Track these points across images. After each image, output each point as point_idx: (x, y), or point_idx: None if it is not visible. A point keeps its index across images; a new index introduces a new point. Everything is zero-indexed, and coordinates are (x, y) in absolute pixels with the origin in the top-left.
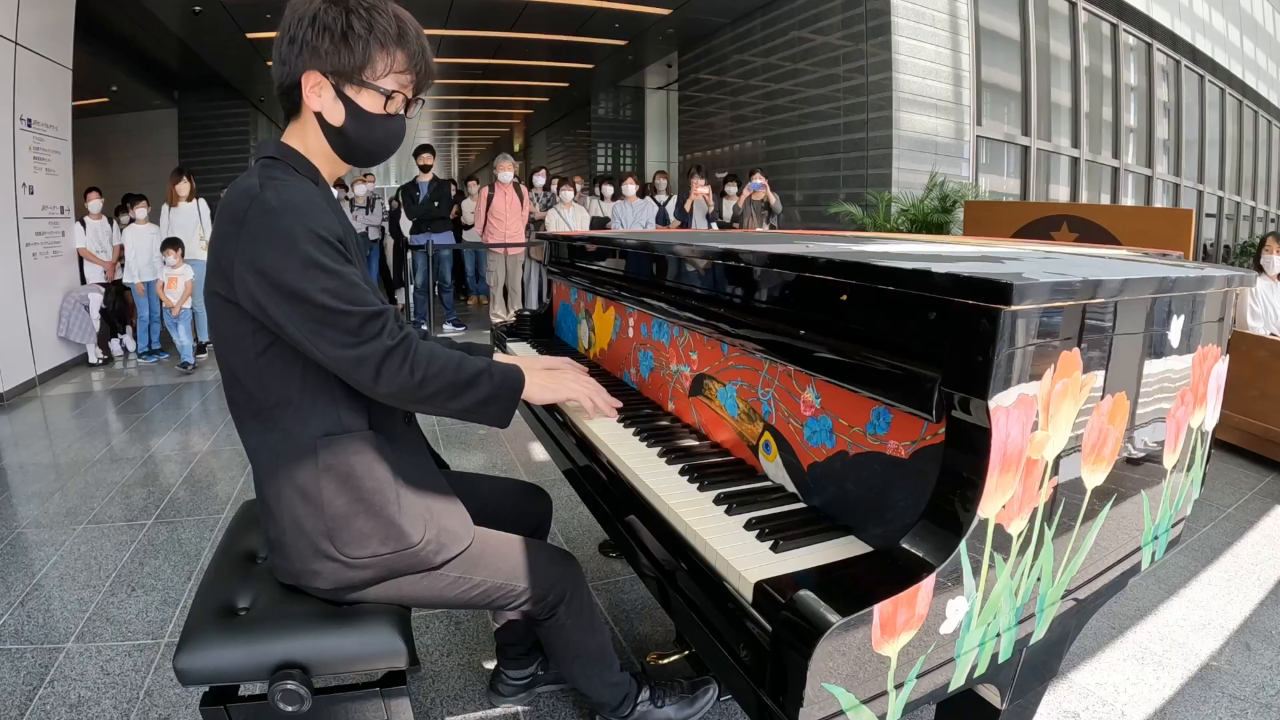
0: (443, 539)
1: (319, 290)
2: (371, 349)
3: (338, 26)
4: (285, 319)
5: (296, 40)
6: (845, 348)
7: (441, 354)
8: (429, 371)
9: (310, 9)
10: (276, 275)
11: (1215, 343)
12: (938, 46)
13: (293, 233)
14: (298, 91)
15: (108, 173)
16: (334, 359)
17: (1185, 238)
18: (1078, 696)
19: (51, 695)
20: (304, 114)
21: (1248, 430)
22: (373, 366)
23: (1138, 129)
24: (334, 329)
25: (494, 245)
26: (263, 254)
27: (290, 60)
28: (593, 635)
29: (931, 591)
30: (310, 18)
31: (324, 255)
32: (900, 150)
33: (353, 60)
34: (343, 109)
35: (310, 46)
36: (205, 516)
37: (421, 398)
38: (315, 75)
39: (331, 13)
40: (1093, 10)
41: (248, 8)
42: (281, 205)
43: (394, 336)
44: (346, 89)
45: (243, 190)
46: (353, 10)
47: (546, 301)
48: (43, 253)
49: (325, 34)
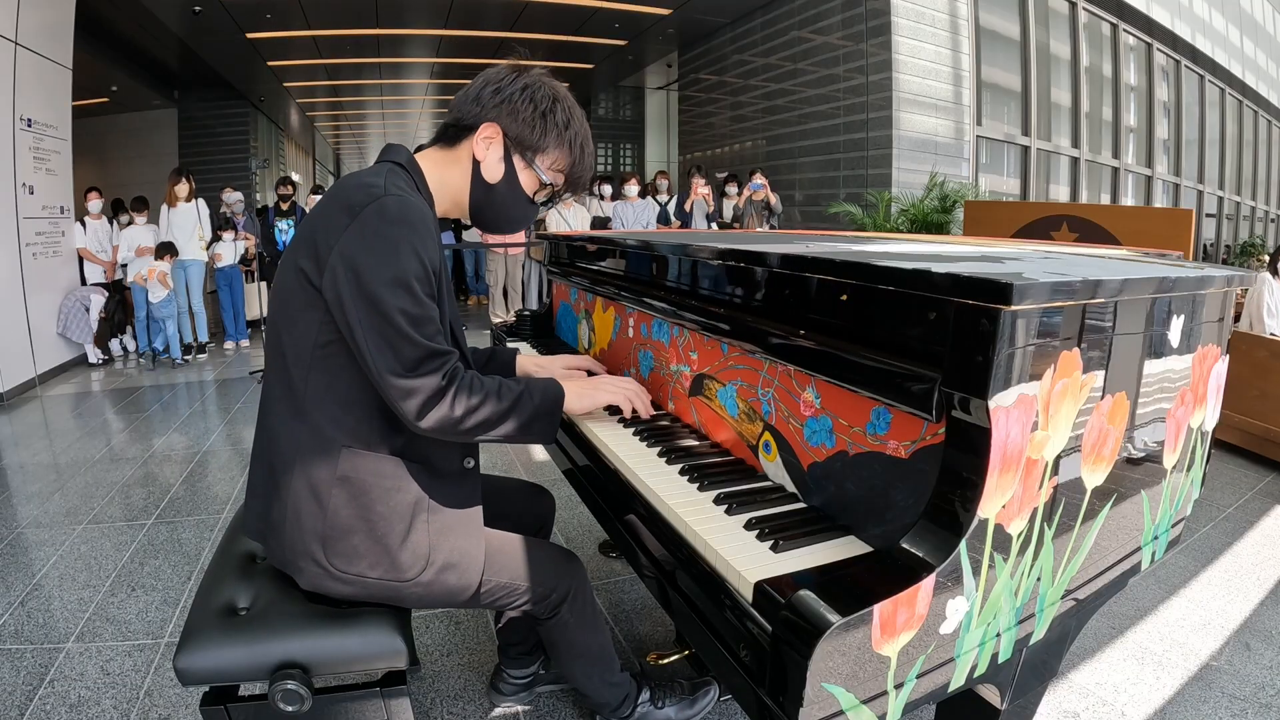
0: (434, 588)
1: (398, 310)
2: (423, 384)
3: (544, 104)
4: (358, 322)
5: (502, 93)
6: (845, 347)
7: (480, 386)
8: (470, 405)
9: (528, 79)
10: (368, 277)
11: (1215, 343)
12: (938, 46)
13: (399, 247)
14: (470, 132)
15: (108, 173)
16: (386, 381)
17: (1185, 238)
18: (1078, 696)
19: (51, 695)
20: (459, 151)
21: (1248, 430)
22: (419, 401)
23: (1138, 129)
24: (396, 352)
25: (494, 245)
26: (364, 254)
27: (485, 104)
28: (595, 635)
29: (931, 591)
30: (524, 85)
31: (417, 281)
32: (900, 150)
33: (537, 139)
34: (503, 171)
35: (511, 105)
36: (205, 516)
37: (462, 432)
38: (494, 129)
39: (544, 92)
40: (1093, 10)
41: (248, 8)
42: (400, 216)
43: (447, 378)
44: (515, 157)
45: (364, 185)
46: (560, 102)
47: (546, 301)
48: (43, 253)
49: (530, 104)
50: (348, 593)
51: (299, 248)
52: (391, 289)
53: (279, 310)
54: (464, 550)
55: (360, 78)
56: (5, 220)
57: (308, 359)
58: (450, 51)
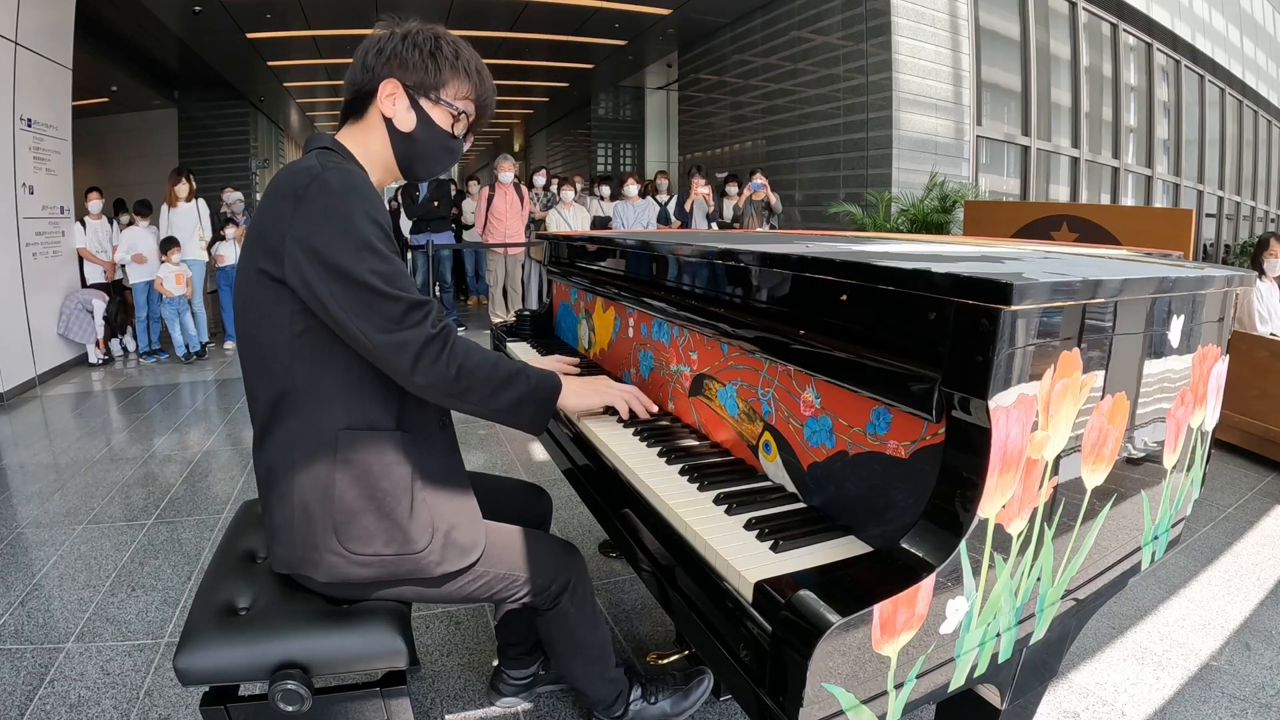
0: (447, 552)
1: (369, 271)
2: (413, 335)
3: (427, 46)
4: (331, 298)
5: (385, 51)
6: (845, 348)
7: (479, 350)
8: (466, 365)
9: (404, 29)
10: (329, 253)
11: (1215, 343)
12: (938, 46)
13: (351, 214)
14: (372, 97)
15: (108, 173)
16: (375, 342)
17: (1185, 238)
18: (1078, 696)
19: (51, 695)
20: (369, 118)
21: (1248, 430)
22: (412, 353)
23: (1138, 129)
24: (378, 313)
25: (494, 245)
26: (317, 231)
27: (375, 67)
28: (594, 629)
29: (931, 591)
30: (403, 35)
31: (378, 240)
32: (900, 150)
33: (433, 77)
34: (414, 117)
35: (399, 58)
36: (205, 516)
37: (457, 392)
38: (394, 83)
39: (424, 34)
40: (1093, 10)
41: (248, 8)
42: (344, 187)
43: (435, 326)
44: (421, 101)
45: (301, 169)
46: (441, 37)
47: (546, 301)
48: (43, 253)
49: (415, 49)
50: (370, 575)
51: (251, 250)
52: (356, 255)
53: (245, 317)
54: (460, 509)
55: None
56: (5, 220)
57: (286, 353)
58: None
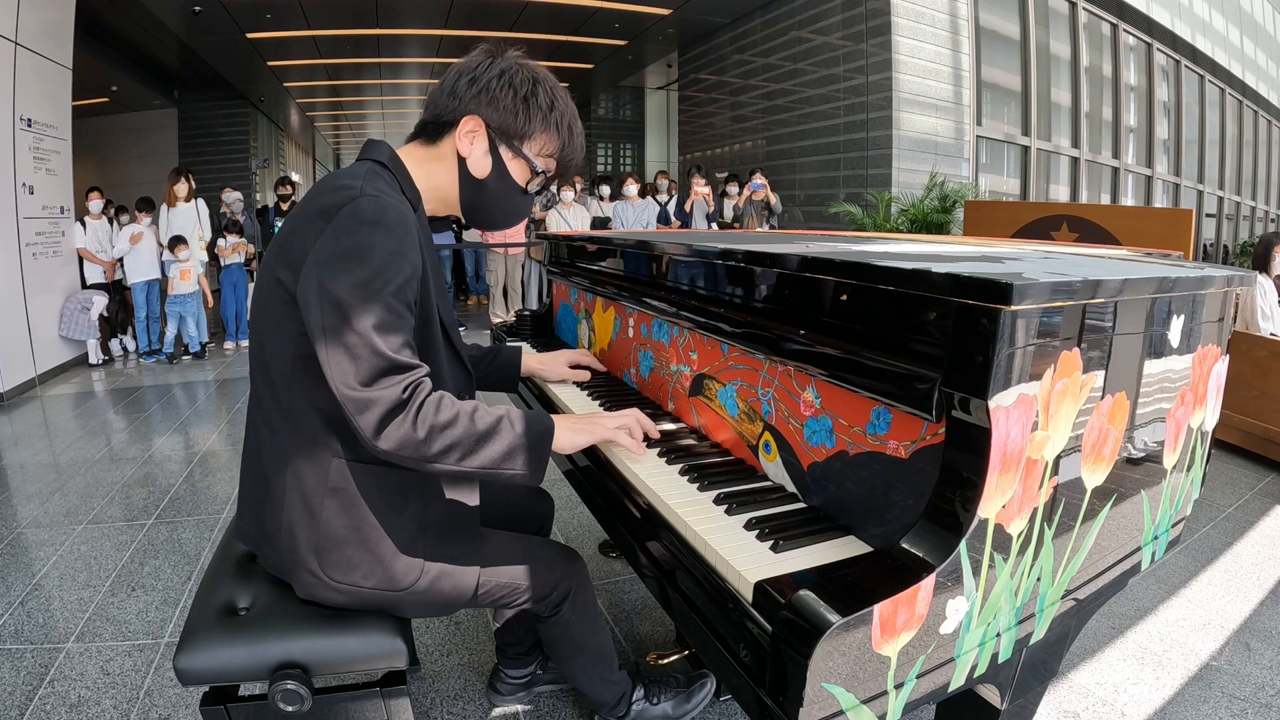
0: (428, 596)
1: (364, 316)
2: (381, 396)
3: (524, 89)
4: (319, 328)
5: (479, 82)
6: (845, 348)
7: (450, 406)
8: (436, 423)
9: (504, 64)
10: (336, 282)
11: (1215, 343)
12: (938, 46)
13: (373, 250)
14: (451, 128)
15: (108, 173)
16: (341, 393)
17: (1185, 238)
18: (1078, 696)
19: (51, 695)
20: (442, 148)
21: (1248, 430)
22: (376, 415)
23: (1138, 129)
24: (356, 362)
25: (494, 245)
26: (335, 257)
27: (462, 97)
28: (595, 633)
29: (931, 591)
30: (500, 71)
31: (390, 286)
32: (900, 150)
33: (521, 125)
34: (490, 165)
35: (490, 94)
36: (205, 516)
37: (429, 455)
38: (476, 121)
39: (522, 75)
40: (1093, 10)
41: (248, 8)
42: (375, 218)
43: (409, 391)
44: (502, 148)
45: (340, 186)
46: (541, 84)
47: (546, 301)
48: (43, 253)
49: (509, 90)
50: (343, 602)
51: (277, 254)
52: (359, 293)
53: (259, 318)
54: (459, 557)
55: (360, 78)
56: (5, 220)
57: (289, 370)
58: (450, 51)
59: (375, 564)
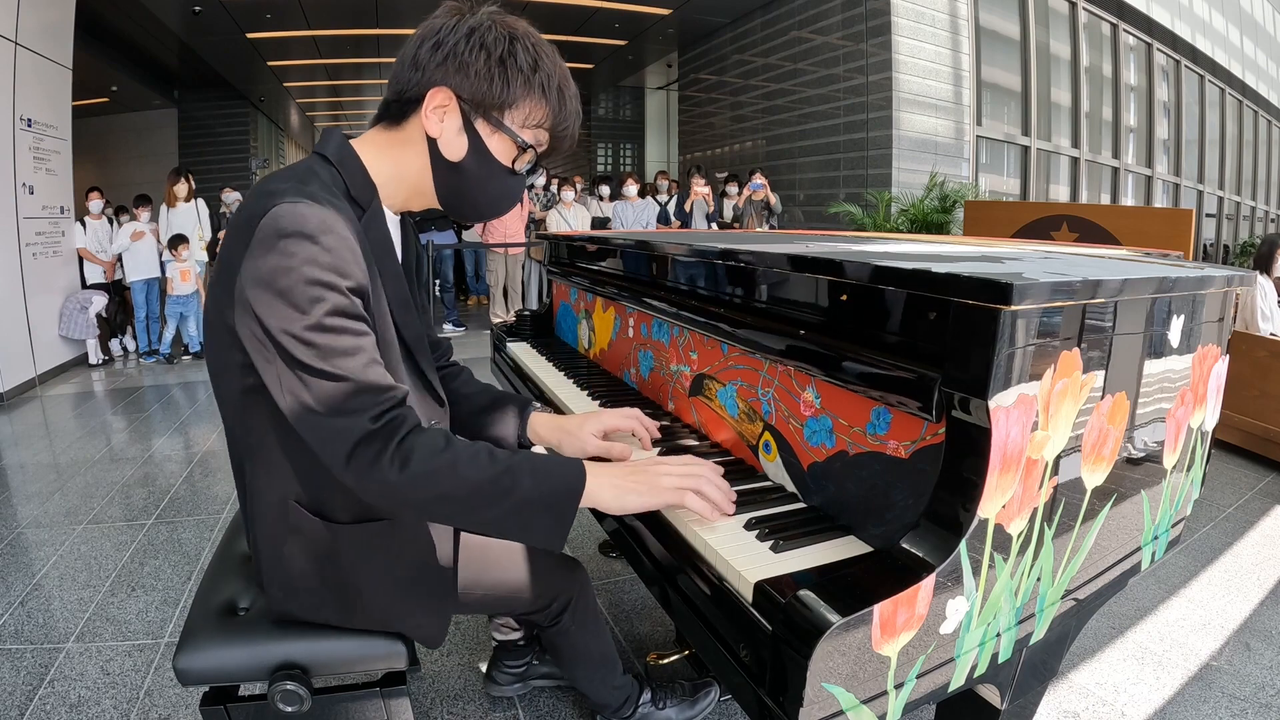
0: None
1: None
2: (347, 424)
3: (498, 49)
4: (260, 360)
5: (444, 46)
6: (845, 347)
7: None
8: (422, 470)
9: (472, 21)
10: (264, 305)
11: (1215, 343)
12: (938, 46)
13: (297, 265)
14: (416, 105)
15: (108, 173)
16: (305, 423)
17: (1185, 238)
18: (1078, 696)
19: (51, 695)
20: (408, 130)
21: (1248, 430)
22: (345, 446)
23: (1138, 129)
24: (308, 391)
25: (494, 245)
26: (261, 276)
27: (425, 66)
28: (596, 641)
29: (931, 591)
30: (469, 30)
31: (321, 304)
32: (900, 150)
33: (498, 93)
34: (466, 144)
35: (458, 60)
36: (205, 516)
37: (413, 503)
38: (445, 94)
39: (495, 32)
40: (1093, 10)
41: (248, 8)
42: (295, 227)
43: (382, 422)
44: (478, 123)
45: (265, 193)
46: (519, 40)
47: (546, 301)
48: (43, 253)
49: (481, 52)
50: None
51: (216, 278)
52: (289, 315)
53: (208, 348)
54: (427, 608)
55: (360, 78)
56: (5, 220)
57: (240, 403)
58: None
59: (343, 608)
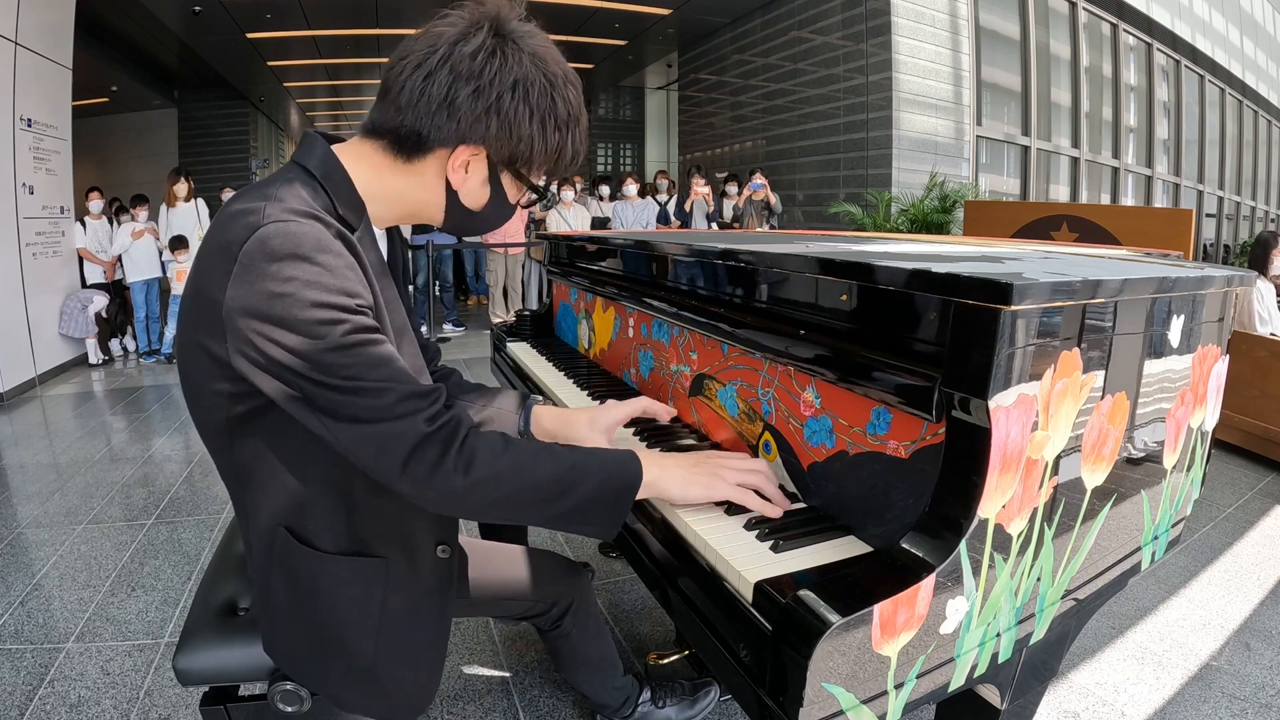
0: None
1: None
2: (401, 428)
3: (541, 107)
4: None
5: (484, 96)
6: (845, 347)
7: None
8: (483, 475)
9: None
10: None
11: (1215, 343)
12: (938, 46)
13: (300, 289)
14: (431, 149)
15: (108, 173)
16: (352, 439)
17: (1185, 238)
18: (1078, 696)
19: (51, 695)
20: (421, 173)
21: (1248, 430)
22: (401, 451)
23: (1138, 129)
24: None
25: (494, 245)
26: (264, 305)
27: (464, 118)
28: (597, 644)
29: (931, 591)
30: (513, 83)
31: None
32: (900, 150)
33: (534, 153)
34: (488, 195)
35: (502, 117)
36: (205, 516)
37: (471, 507)
38: (476, 151)
39: (540, 86)
40: (1093, 10)
41: (248, 8)
42: (289, 250)
43: (434, 423)
44: (503, 175)
45: (240, 213)
46: (558, 90)
47: (546, 301)
48: (43, 253)
49: (525, 110)
50: None
51: (188, 306)
52: (302, 342)
53: (182, 376)
54: (417, 662)
55: (360, 78)
56: (5, 220)
57: (224, 434)
58: None
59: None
